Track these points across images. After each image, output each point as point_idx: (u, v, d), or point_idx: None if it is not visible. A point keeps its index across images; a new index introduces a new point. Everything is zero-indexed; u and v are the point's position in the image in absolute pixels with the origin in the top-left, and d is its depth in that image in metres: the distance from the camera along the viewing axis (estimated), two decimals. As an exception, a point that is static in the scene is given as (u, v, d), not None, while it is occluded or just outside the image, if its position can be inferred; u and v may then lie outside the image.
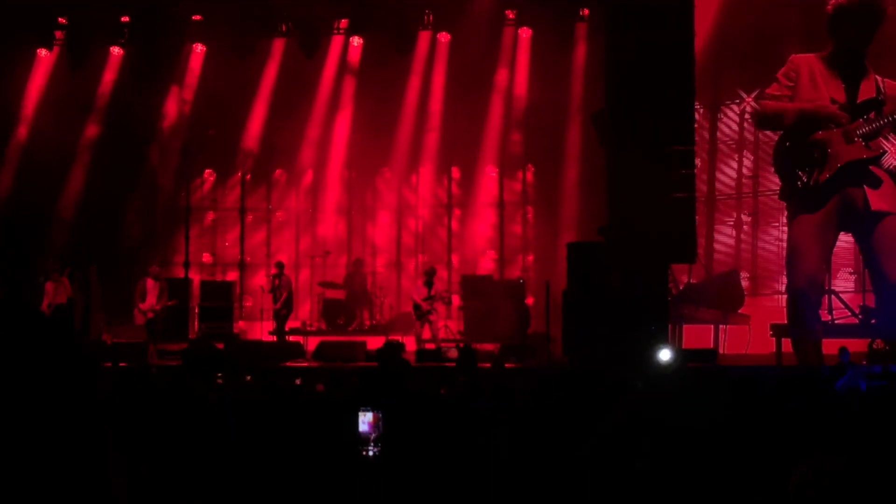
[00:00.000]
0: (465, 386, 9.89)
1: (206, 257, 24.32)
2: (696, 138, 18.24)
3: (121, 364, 15.89)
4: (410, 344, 19.06)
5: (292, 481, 7.80)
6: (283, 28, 23.47)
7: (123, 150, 22.95)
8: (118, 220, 22.91)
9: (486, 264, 23.53)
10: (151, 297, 19.14)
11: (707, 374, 15.31)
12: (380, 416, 7.80)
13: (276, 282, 20.83)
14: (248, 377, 11.81)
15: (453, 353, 11.86)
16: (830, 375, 12.98)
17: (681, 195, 16.93)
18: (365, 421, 7.84)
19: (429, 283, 20.12)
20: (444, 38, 23.29)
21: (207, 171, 24.38)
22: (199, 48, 23.62)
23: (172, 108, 23.67)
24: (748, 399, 8.28)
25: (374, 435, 7.85)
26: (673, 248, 17.05)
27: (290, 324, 21.25)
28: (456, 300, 22.32)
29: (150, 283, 19.15)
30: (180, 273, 22.02)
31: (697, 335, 19.69)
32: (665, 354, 14.09)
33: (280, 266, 21.03)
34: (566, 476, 7.07)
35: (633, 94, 17.61)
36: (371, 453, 7.81)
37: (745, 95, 21.55)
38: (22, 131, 23.06)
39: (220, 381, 9.91)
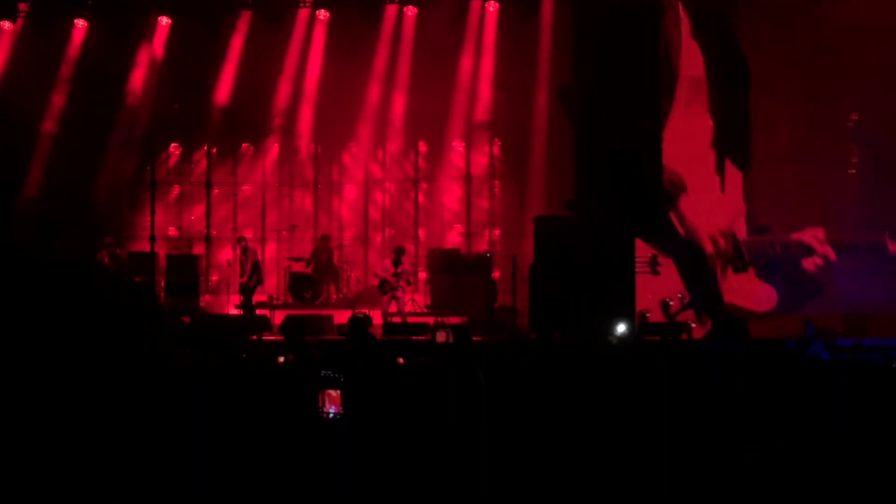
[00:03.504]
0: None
1: (172, 231, 24.20)
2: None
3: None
4: (377, 318, 19.11)
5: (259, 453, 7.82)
6: (249, 1, 23.32)
7: (88, 124, 22.79)
8: (84, 194, 22.75)
9: (453, 238, 23.51)
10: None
11: (668, 348, 15.33)
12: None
13: (242, 256, 20.83)
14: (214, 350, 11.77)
15: (441, 337, 11.79)
16: (797, 348, 13.09)
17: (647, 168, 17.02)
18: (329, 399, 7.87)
19: (396, 262, 20.12)
20: (410, 11, 23.20)
21: (173, 144, 24.25)
22: (165, 21, 23.43)
23: (137, 81, 23.50)
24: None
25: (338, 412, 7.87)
26: (638, 221, 17.13)
27: (257, 297, 21.20)
28: (422, 274, 22.34)
29: (103, 256, 19.31)
30: (146, 247, 21.88)
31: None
32: (621, 327, 14.15)
33: (242, 240, 21.12)
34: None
35: (600, 68, 17.67)
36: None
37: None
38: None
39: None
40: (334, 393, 7.96)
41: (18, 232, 21.27)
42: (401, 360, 10.33)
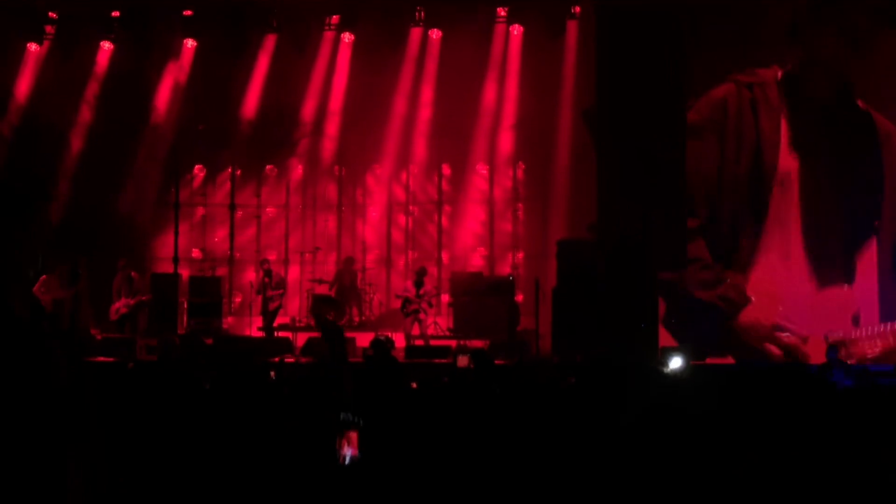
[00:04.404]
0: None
1: (196, 253, 24.25)
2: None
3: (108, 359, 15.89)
4: (400, 341, 19.07)
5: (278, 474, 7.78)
6: (275, 23, 23.42)
7: (113, 145, 22.89)
8: (108, 215, 22.83)
9: (476, 261, 23.50)
10: (123, 294, 19.57)
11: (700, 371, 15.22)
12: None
13: (266, 280, 20.92)
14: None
15: (463, 361, 11.74)
16: (818, 373, 13.02)
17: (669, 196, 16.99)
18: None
19: (418, 283, 20.16)
20: (435, 34, 23.25)
21: (197, 166, 24.31)
22: (190, 43, 23.54)
23: (162, 103, 23.60)
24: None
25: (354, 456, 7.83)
26: (661, 252, 17.08)
27: (280, 320, 21.23)
28: (445, 297, 22.32)
29: (118, 278, 19.57)
30: (169, 268, 21.94)
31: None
32: (675, 362, 13.57)
33: (265, 262, 21.26)
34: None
35: (623, 93, 17.64)
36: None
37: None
38: (10, 125, 22.97)
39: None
40: (353, 435, 7.89)
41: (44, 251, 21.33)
42: (413, 385, 10.28)
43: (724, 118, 19.28)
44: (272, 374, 10.56)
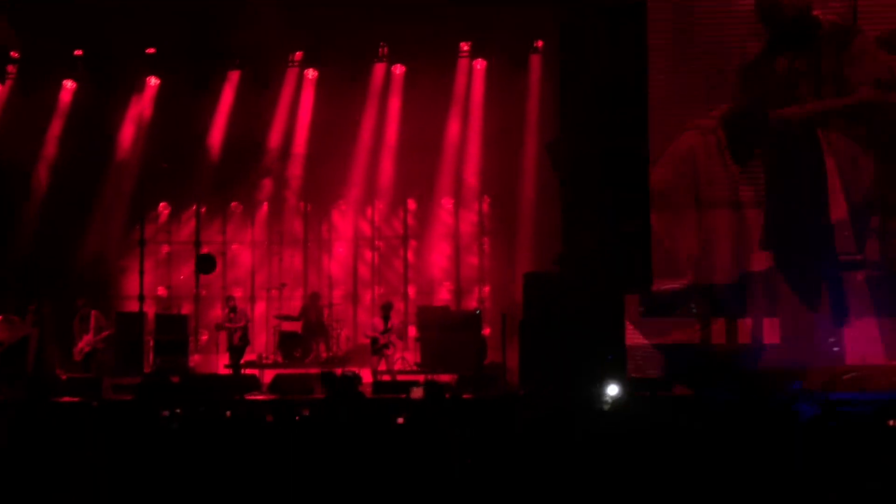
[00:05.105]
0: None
1: (161, 291, 24.13)
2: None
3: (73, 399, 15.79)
4: (367, 376, 19.02)
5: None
6: (237, 61, 23.42)
7: (77, 184, 22.80)
8: (72, 254, 22.70)
9: (443, 295, 23.48)
10: (83, 333, 19.83)
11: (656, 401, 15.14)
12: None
13: (232, 315, 20.90)
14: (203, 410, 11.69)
15: (417, 393, 11.74)
16: (784, 402, 13.02)
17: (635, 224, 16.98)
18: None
19: (385, 318, 20.20)
20: (398, 70, 23.32)
21: (162, 203, 24.20)
22: (153, 81, 23.50)
23: (126, 140, 23.53)
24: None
25: None
26: (627, 277, 17.09)
27: (246, 357, 21.16)
28: (412, 331, 22.30)
29: (77, 319, 19.64)
30: (135, 307, 21.83)
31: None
32: (613, 389, 13.58)
33: (230, 299, 21.26)
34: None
35: (587, 124, 17.71)
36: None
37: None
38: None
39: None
40: None
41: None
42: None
43: (694, 172, 18.91)
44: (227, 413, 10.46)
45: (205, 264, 22.34)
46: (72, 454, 7.93)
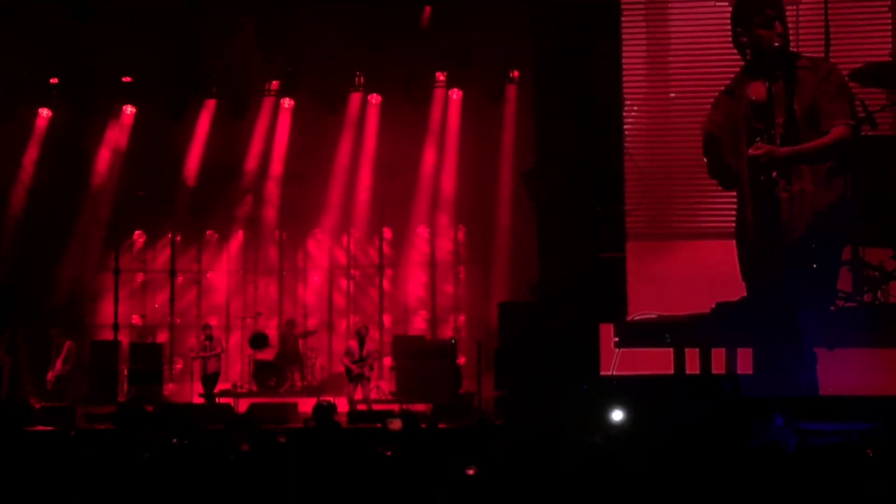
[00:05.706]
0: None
1: (136, 319, 24.05)
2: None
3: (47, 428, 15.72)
4: (343, 405, 18.98)
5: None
6: (214, 90, 23.44)
7: (52, 212, 22.75)
8: (47, 282, 22.63)
9: (418, 324, 23.51)
10: (56, 363, 19.93)
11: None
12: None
13: (206, 344, 20.92)
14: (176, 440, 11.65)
15: (395, 425, 11.70)
16: (760, 430, 13.05)
17: (610, 254, 17.04)
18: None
19: (361, 344, 20.18)
20: (374, 99, 23.38)
21: (137, 231, 24.17)
22: (129, 109, 23.50)
23: (102, 168, 23.50)
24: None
25: None
26: (602, 307, 17.12)
27: (221, 385, 21.12)
28: (387, 360, 22.30)
29: (53, 350, 19.68)
30: (109, 335, 21.75)
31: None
32: (617, 415, 13.32)
33: (206, 328, 21.30)
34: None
35: (562, 153, 17.79)
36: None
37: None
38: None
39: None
40: None
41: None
42: None
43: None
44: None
45: (259, 342, 22.47)
46: (49, 483, 7.89)
